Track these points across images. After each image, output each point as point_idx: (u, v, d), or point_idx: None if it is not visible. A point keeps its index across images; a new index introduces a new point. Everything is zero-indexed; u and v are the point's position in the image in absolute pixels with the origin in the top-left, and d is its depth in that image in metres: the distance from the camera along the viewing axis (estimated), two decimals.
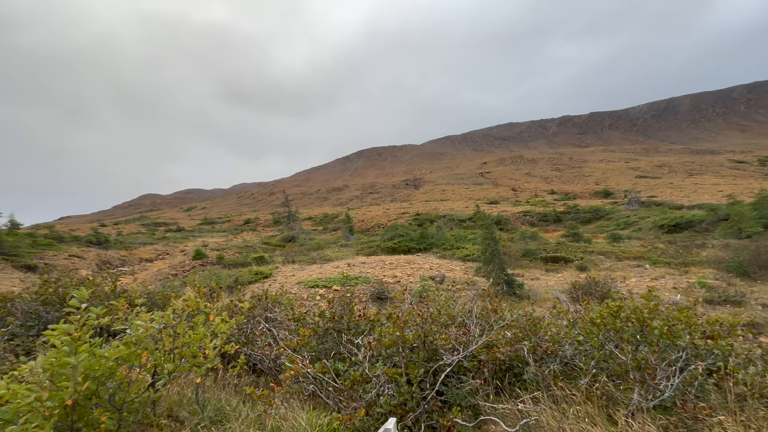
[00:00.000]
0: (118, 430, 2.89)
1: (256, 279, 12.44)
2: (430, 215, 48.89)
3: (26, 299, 4.84)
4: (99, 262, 25.09)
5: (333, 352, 4.18)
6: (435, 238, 21.54)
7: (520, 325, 4.76)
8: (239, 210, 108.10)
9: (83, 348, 2.83)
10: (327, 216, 61.87)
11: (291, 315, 4.95)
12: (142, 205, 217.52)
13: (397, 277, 12.57)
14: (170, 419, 3.35)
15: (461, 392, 3.69)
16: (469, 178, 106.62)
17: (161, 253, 31.84)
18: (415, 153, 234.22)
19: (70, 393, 2.63)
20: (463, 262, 16.01)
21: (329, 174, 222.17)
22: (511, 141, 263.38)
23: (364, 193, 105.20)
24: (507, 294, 10.31)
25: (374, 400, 3.51)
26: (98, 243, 32.17)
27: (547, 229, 36.67)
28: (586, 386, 3.61)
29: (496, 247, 10.76)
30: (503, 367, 4.05)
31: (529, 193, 75.74)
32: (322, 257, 17.93)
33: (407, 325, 3.99)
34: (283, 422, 3.26)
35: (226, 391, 4.09)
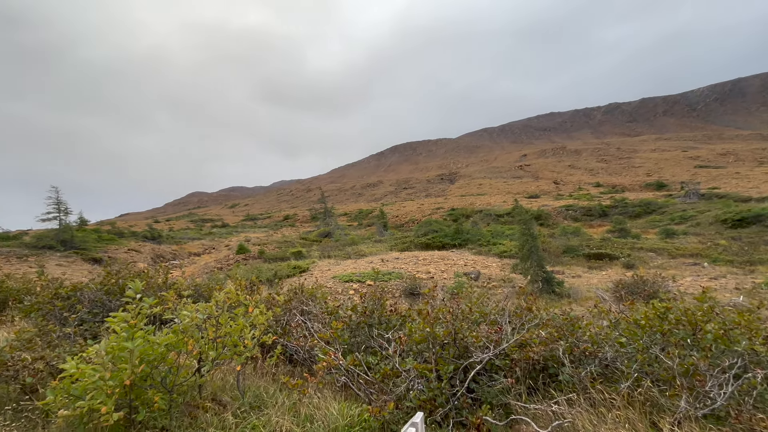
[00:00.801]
0: (169, 409, 3.17)
1: (294, 273, 12.91)
2: (466, 210, 47.96)
3: (92, 289, 5.40)
4: (153, 255, 27.19)
5: (364, 346, 4.28)
6: (470, 233, 21.15)
7: (556, 325, 4.60)
8: (279, 206, 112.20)
9: (139, 334, 3.13)
10: (362, 212, 62.61)
11: (325, 308, 5.12)
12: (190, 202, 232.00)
13: (430, 273, 12.52)
14: (214, 402, 3.61)
15: (492, 390, 3.65)
16: (507, 171, 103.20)
17: (208, 248, 33.87)
18: (451, 147, 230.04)
19: (128, 374, 2.92)
20: (500, 259, 15.61)
21: (364, 170, 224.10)
22: (553, 131, 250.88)
23: (398, 189, 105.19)
24: (545, 292, 9.94)
25: (404, 394, 3.56)
26: (153, 238, 34.81)
27: (591, 225, 34.72)
28: (628, 391, 3.43)
29: (534, 244, 10.39)
30: (537, 367, 3.94)
31: (572, 187, 72.01)
32: (356, 252, 18.23)
33: (437, 322, 3.99)
34: (316, 411, 3.40)
35: (264, 379, 4.33)
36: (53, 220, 22.91)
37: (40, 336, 4.29)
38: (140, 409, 2.99)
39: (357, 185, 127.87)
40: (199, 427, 3.23)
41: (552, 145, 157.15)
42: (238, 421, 3.36)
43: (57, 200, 23.04)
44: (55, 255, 21.13)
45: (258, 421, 3.35)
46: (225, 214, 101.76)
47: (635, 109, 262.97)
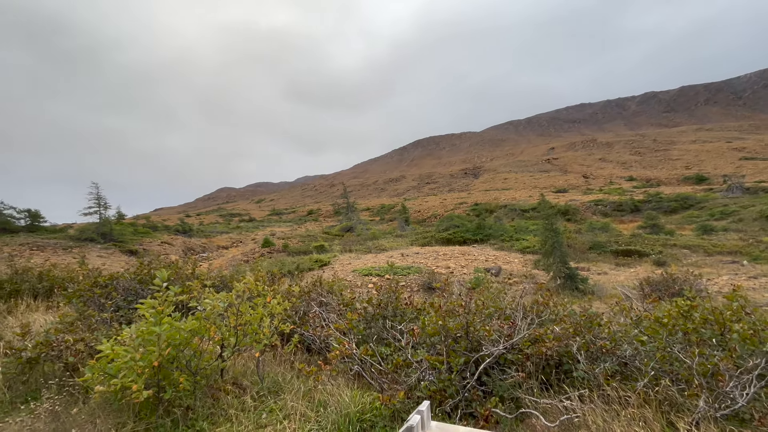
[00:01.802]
0: (193, 390, 3.40)
1: (316, 266, 13.21)
2: (490, 205, 47.13)
3: (126, 278, 5.79)
4: (185, 248, 28.47)
5: (375, 337, 4.39)
6: (493, 229, 20.83)
7: (573, 321, 4.53)
8: (303, 201, 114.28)
9: (166, 320, 3.36)
10: (384, 207, 62.81)
11: (341, 300, 5.26)
12: (219, 197, 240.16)
13: (450, 268, 12.48)
14: (235, 386, 3.82)
15: (504, 384, 3.67)
16: (534, 165, 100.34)
17: (235, 241, 35.08)
18: (475, 140, 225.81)
19: (156, 356, 3.15)
20: (523, 255, 15.32)
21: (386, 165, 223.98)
22: (583, 124, 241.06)
23: (420, 184, 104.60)
24: (568, 289, 9.71)
25: (415, 384, 3.64)
26: (184, 232, 36.42)
27: (622, 220, 33.30)
28: (645, 389, 3.36)
29: (557, 239, 10.15)
30: (551, 363, 3.91)
31: (602, 181, 69.18)
32: (377, 247, 18.38)
33: (450, 315, 4.03)
34: (329, 397, 3.54)
35: (283, 366, 4.53)
36: (94, 214, 24.48)
37: (81, 320, 4.66)
38: (167, 389, 3.22)
39: (379, 180, 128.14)
40: (221, 408, 3.44)
41: (582, 137, 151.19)
42: (257, 404, 3.55)
43: (97, 196, 24.55)
44: (96, 247, 22.57)
45: (275, 405, 3.53)
46: (252, 208, 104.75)
47: (674, 98, 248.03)
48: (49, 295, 7.29)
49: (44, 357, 3.84)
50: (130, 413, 3.23)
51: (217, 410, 3.41)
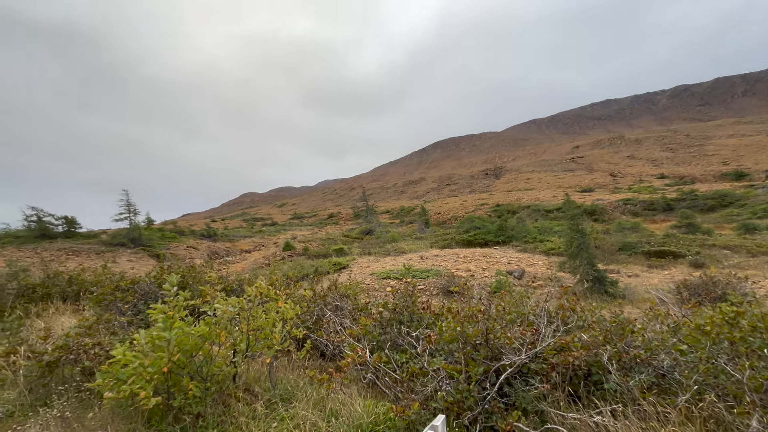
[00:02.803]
0: (203, 397, 3.34)
1: (335, 269, 13.17)
2: (512, 206, 46.03)
3: (146, 282, 5.88)
4: (209, 252, 29.21)
5: (389, 343, 4.22)
6: (515, 230, 20.24)
7: (602, 327, 4.21)
8: (324, 205, 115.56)
9: (177, 325, 3.32)
10: (403, 209, 62.55)
11: (354, 305, 5.13)
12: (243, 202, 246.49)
13: (470, 270, 12.15)
14: (247, 393, 3.75)
15: (528, 396, 3.42)
16: (558, 164, 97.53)
17: (258, 245, 35.73)
18: (496, 140, 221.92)
19: (165, 362, 3.11)
20: (547, 257, 14.77)
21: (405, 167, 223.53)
22: (609, 120, 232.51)
23: (440, 185, 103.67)
24: (597, 292, 9.22)
25: (431, 394, 3.45)
26: (209, 236, 37.42)
27: (654, 220, 31.71)
28: (687, 404, 3.04)
29: (583, 240, 9.68)
30: (579, 373, 3.63)
31: (631, 179, 66.35)
32: (396, 250, 18.20)
33: (469, 321, 3.81)
34: (341, 407, 3.40)
35: (296, 373, 4.43)
36: (124, 220, 25.52)
37: (101, 323, 4.74)
38: (176, 396, 3.17)
39: (399, 183, 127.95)
40: (231, 415, 3.36)
41: (608, 134, 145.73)
42: (268, 412, 3.46)
43: (127, 202, 25.59)
44: (126, 251, 23.50)
45: (286, 414, 3.43)
46: (274, 213, 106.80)
47: (708, 91, 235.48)
48: (77, 299, 7.53)
49: (63, 360, 3.90)
50: (141, 420, 3.20)
51: (228, 418, 3.33)
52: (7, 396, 3.72)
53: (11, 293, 7.25)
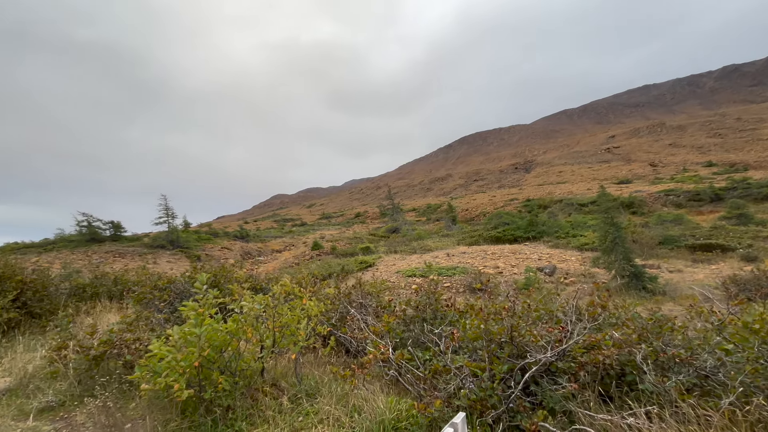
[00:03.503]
0: (232, 390, 3.48)
1: (361, 268, 13.29)
2: (544, 200, 44.49)
3: (181, 281, 6.19)
4: (242, 252, 30.33)
5: (411, 340, 4.20)
6: (546, 225, 19.57)
7: (637, 325, 3.99)
8: (351, 204, 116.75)
9: (207, 321, 3.48)
10: (430, 206, 62.04)
11: (378, 303, 5.16)
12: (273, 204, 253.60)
13: (499, 267, 11.89)
14: (274, 387, 3.86)
15: (556, 396, 3.30)
16: (592, 155, 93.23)
17: (288, 245, 36.68)
18: (525, 133, 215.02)
19: (197, 356, 3.26)
20: (580, 252, 14.18)
21: (432, 164, 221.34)
22: (648, 107, 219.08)
23: (468, 181, 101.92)
24: (634, 288, 8.75)
25: (454, 392, 3.41)
26: (242, 237, 38.83)
27: (700, 211, 29.61)
28: (731, 408, 2.83)
29: (618, 234, 9.21)
30: (611, 373, 3.46)
31: (674, 168, 62.30)
32: (422, 247, 18.10)
33: (491, 318, 3.73)
34: (364, 403, 3.44)
35: (322, 369, 4.52)
36: (163, 223, 26.98)
37: (141, 320, 5.05)
38: (207, 389, 3.32)
39: (425, 180, 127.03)
40: (259, 409, 3.48)
41: (647, 122, 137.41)
42: (293, 407, 3.55)
43: (166, 207, 27.05)
44: (166, 253, 24.86)
45: (311, 408, 3.50)
46: (303, 213, 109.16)
47: (761, 70, 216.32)
48: (121, 298, 8.05)
49: (108, 355, 4.19)
50: (175, 411, 3.39)
51: (256, 411, 3.45)
52: (59, 387, 4.05)
53: (64, 293, 7.86)
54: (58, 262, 20.84)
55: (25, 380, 4.28)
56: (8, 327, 6.02)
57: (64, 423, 3.47)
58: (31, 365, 4.63)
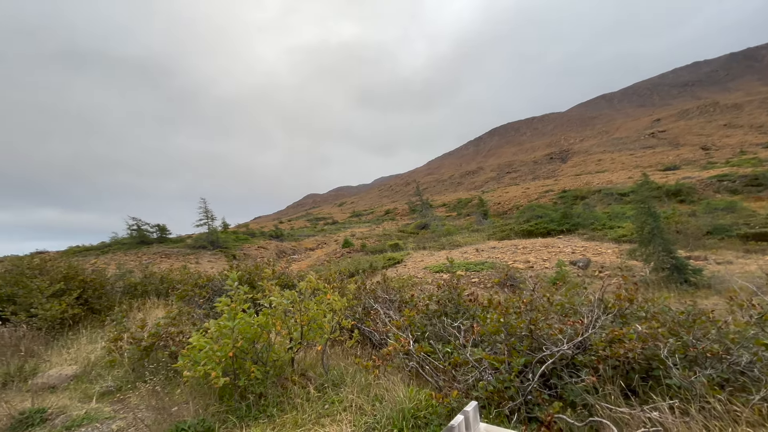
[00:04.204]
0: (264, 379, 3.76)
1: (389, 264, 13.47)
2: (581, 191, 42.53)
3: (218, 280, 6.66)
4: (277, 251, 31.50)
5: (428, 333, 4.31)
6: (582, 217, 18.80)
7: (666, 319, 3.87)
8: (380, 202, 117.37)
9: (239, 316, 3.78)
10: (461, 201, 61.14)
11: (401, 298, 5.30)
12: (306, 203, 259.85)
13: (530, 262, 11.64)
14: (302, 377, 4.12)
15: (576, 389, 3.30)
16: (634, 141, 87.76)
17: (320, 243, 37.62)
18: (560, 121, 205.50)
19: (231, 347, 3.56)
20: (618, 244, 13.55)
21: (461, 158, 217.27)
22: (698, 86, 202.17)
23: (500, 174, 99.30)
24: (675, 282, 8.31)
25: (473, 384, 3.49)
26: (277, 236, 40.28)
27: (759, 197, 27.12)
28: (762, 402, 2.72)
29: (656, 224, 8.75)
30: (636, 367, 3.38)
31: (729, 151, 57.36)
32: (451, 243, 18.00)
33: (509, 312, 3.76)
34: (385, 392, 3.60)
35: (347, 361, 4.74)
36: (204, 225, 28.61)
37: (184, 315, 5.51)
38: (241, 377, 3.62)
39: (455, 174, 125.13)
40: (288, 397, 3.74)
41: (697, 102, 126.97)
42: (320, 395, 3.78)
43: (205, 209, 28.64)
44: (207, 253, 26.36)
45: (336, 397, 3.72)
46: (335, 212, 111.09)
47: None
48: (167, 295, 8.74)
49: (156, 346, 4.63)
50: (214, 396, 3.72)
51: (285, 399, 3.71)
52: (116, 373, 4.54)
53: (119, 291, 8.65)
54: (113, 263, 22.71)
55: (88, 368, 4.83)
56: (73, 321, 6.75)
57: (121, 405, 3.91)
58: (93, 355, 5.20)
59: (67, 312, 6.43)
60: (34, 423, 3.52)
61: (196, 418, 3.30)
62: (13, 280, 6.93)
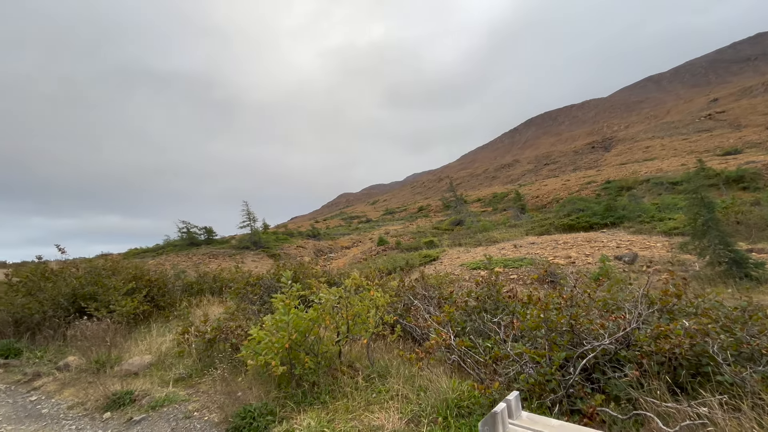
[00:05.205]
0: (316, 369, 4.10)
1: (425, 261, 13.61)
2: (627, 181, 40.11)
3: (267, 278, 7.17)
4: (315, 250, 32.55)
5: (468, 328, 4.45)
6: (627, 209, 17.87)
7: (719, 314, 3.76)
8: (413, 199, 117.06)
9: (293, 311, 4.14)
10: (496, 196, 59.69)
11: (439, 294, 5.47)
12: (340, 203, 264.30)
13: (571, 257, 11.33)
14: (350, 368, 4.42)
15: (620, 383, 3.33)
16: (687, 125, 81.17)
17: (355, 241, 38.36)
18: (602, 108, 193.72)
19: (286, 339, 3.93)
20: (668, 237, 12.82)
21: (496, 151, 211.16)
22: (762, 60, 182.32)
23: (538, 166, 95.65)
24: (734, 277, 7.82)
25: (514, 377, 3.61)
26: (314, 236, 41.56)
27: None
28: None
29: (710, 216, 8.26)
30: (684, 363, 3.34)
31: None
32: (487, 239, 17.79)
33: (549, 308, 3.82)
34: (429, 383, 3.81)
35: (390, 354, 4.99)
36: (246, 227, 30.18)
37: (239, 311, 6.03)
38: (296, 366, 3.98)
39: (490, 168, 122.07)
40: (339, 386, 4.05)
41: (761, 78, 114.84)
42: (367, 385, 4.06)
43: (248, 212, 30.21)
44: (250, 253, 27.82)
45: (382, 387, 3.98)
46: (368, 210, 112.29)
47: None
48: (220, 292, 9.47)
49: (218, 338, 5.14)
50: (273, 384, 4.11)
51: (336, 387, 4.03)
52: (186, 362, 5.10)
53: (178, 289, 9.49)
54: (168, 263, 24.61)
55: (161, 357, 5.45)
56: (143, 317, 7.55)
57: (193, 390, 4.42)
58: (164, 346, 5.84)
59: (139, 308, 7.20)
60: (125, 402, 4.09)
61: (260, 402, 3.69)
62: (93, 280, 7.84)
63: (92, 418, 3.94)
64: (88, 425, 3.81)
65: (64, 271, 8.02)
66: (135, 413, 3.91)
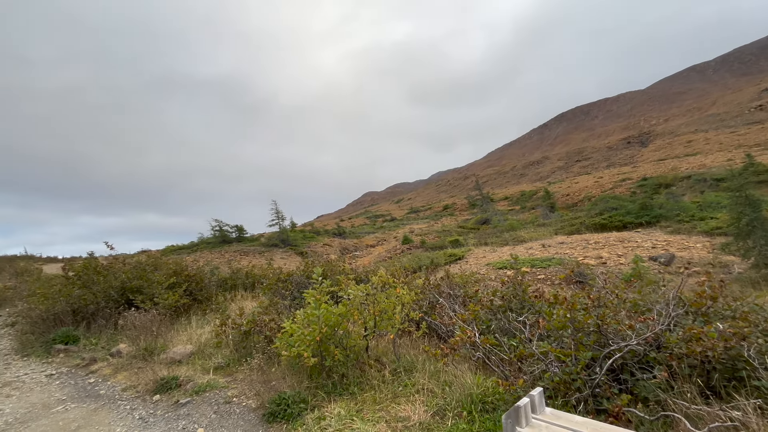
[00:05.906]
0: (345, 362, 4.30)
1: (450, 260, 13.61)
2: (665, 178, 38.01)
3: (297, 275, 7.48)
4: (341, 248, 33.08)
5: (494, 326, 4.51)
6: (665, 207, 17.05)
7: (760, 318, 3.63)
8: (438, 197, 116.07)
9: (323, 306, 4.36)
10: (524, 194, 58.21)
11: (464, 293, 5.54)
12: (365, 201, 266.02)
13: (602, 258, 11.01)
14: (377, 362, 4.60)
15: (648, 385, 3.30)
16: (735, 117, 75.76)
17: (380, 240, 38.62)
18: (638, 100, 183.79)
19: (317, 333, 4.15)
20: (710, 237, 12.16)
21: (524, 148, 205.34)
22: None
23: (568, 163, 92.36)
24: None
25: (539, 375, 3.65)
26: (339, 234, 42.20)
27: None
28: None
29: (756, 215, 7.82)
30: (718, 367, 3.26)
31: None
32: (515, 238, 17.50)
33: (576, 308, 3.83)
34: (454, 379, 3.92)
35: (416, 350, 5.12)
36: (275, 225, 31.12)
37: (272, 306, 6.35)
38: (327, 359, 4.20)
39: (518, 165, 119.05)
40: (366, 378, 4.23)
41: None
42: (394, 378, 4.22)
43: (276, 210, 31.16)
44: (279, 250, 28.70)
45: (408, 381, 4.12)
46: (393, 208, 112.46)
47: None
48: (253, 288, 9.93)
49: (253, 331, 5.46)
50: (305, 374, 4.35)
51: (364, 380, 4.21)
52: (224, 352, 5.45)
53: (213, 284, 10.03)
54: (202, 260, 25.84)
55: (201, 347, 5.85)
56: (183, 309, 8.07)
57: (231, 378, 4.75)
58: (203, 337, 6.25)
59: (179, 301, 7.72)
60: (172, 387, 4.46)
61: (293, 390, 3.93)
62: (138, 274, 8.46)
63: (144, 400, 4.33)
64: (140, 405, 4.20)
65: (113, 265, 8.69)
66: (181, 396, 4.27)
